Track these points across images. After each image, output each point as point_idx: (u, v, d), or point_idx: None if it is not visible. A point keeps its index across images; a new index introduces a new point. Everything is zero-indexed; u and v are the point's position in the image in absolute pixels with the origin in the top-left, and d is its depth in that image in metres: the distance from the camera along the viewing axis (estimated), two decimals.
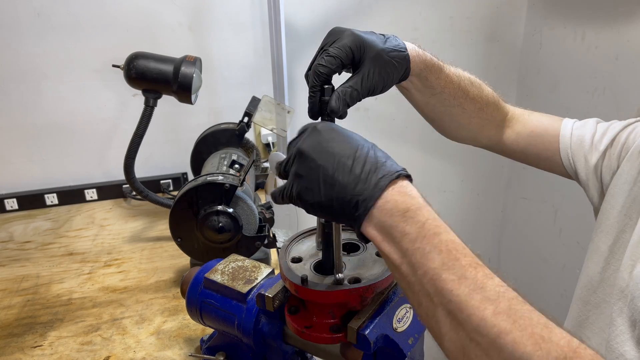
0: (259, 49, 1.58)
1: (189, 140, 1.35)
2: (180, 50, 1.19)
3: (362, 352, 0.59)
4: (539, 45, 1.75)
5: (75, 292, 1.10)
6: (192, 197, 0.99)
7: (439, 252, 0.46)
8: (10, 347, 0.94)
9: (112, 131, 1.55)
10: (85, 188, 1.51)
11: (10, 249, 1.28)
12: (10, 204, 1.46)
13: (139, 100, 1.13)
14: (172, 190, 1.56)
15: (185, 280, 0.80)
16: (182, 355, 0.90)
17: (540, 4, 1.72)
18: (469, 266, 0.45)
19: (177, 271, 1.16)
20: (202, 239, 1.01)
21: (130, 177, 1.16)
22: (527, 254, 1.99)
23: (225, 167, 1.13)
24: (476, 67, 1.84)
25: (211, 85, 1.56)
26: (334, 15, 1.64)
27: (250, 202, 1.02)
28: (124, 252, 1.25)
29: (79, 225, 1.39)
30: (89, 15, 1.42)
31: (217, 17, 1.52)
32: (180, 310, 1.02)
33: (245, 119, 1.28)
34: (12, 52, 1.40)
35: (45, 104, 1.47)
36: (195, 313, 0.76)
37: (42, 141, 1.51)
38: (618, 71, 1.45)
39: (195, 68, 1.11)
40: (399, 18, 1.70)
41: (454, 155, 1.98)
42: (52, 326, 0.99)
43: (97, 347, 0.93)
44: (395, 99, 1.97)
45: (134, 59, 1.09)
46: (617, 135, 0.81)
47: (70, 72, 1.46)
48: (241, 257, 0.79)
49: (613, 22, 1.45)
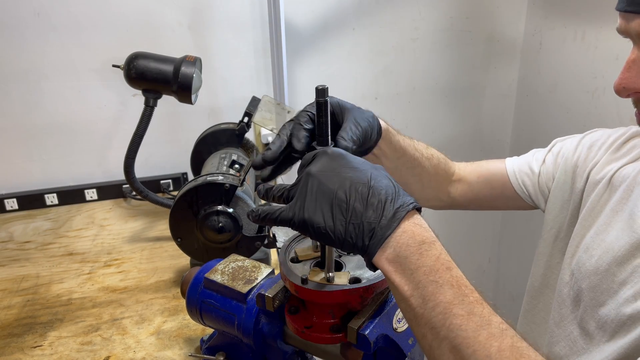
0: (259, 49, 1.58)
1: (189, 140, 1.35)
2: (180, 50, 1.19)
3: (362, 352, 0.59)
4: (539, 45, 1.75)
5: (75, 292, 1.10)
6: (192, 197, 0.99)
7: (450, 287, 0.46)
8: (10, 347, 0.94)
9: (112, 131, 1.55)
10: (85, 188, 1.51)
11: (10, 249, 1.28)
12: (10, 204, 1.46)
13: (139, 100, 1.13)
14: (172, 190, 1.56)
15: (185, 280, 0.80)
16: (182, 355, 0.90)
17: (540, 3, 1.72)
18: (476, 302, 0.46)
19: (177, 271, 1.16)
20: (202, 239, 1.01)
21: (131, 177, 1.15)
22: (527, 254, 1.99)
23: (225, 167, 1.13)
24: (476, 67, 1.84)
25: (211, 85, 1.56)
26: (334, 15, 1.64)
27: (250, 202, 1.02)
28: (124, 252, 1.25)
29: (79, 225, 1.39)
30: (89, 15, 1.42)
31: (217, 17, 1.52)
32: (180, 310, 1.02)
33: (245, 119, 1.28)
34: (12, 52, 1.40)
35: (46, 104, 1.47)
36: (195, 313, 0.76)
37: (42, 141, 1.51)
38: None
39: (195, 68, 1.10)
40: (399, 18, 1.70)
41: (453, 155, 1.97)
42: (52, 326, 0.99)
43: (97, 347, 0.93)
44: (395, 99, 1.98)
45: (134, 59, 1.09)
46: (554, 145, 0.92)
47: (70, 72, 1.46)
48: (241, 257, 0.79)
49: (613, 22, 1.44)
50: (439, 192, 0.95)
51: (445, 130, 1.92)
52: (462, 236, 2.12)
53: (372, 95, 1.79)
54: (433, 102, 1.86)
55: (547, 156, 0.91)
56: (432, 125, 1.90)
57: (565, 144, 0.90)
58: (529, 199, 0.92)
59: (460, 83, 1.86)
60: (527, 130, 1.88)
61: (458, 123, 1.93)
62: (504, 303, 2.20)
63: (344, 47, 1.69)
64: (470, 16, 1.77)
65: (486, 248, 2.17)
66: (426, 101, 1.85)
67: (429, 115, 1.88)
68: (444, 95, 1.86)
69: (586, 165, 0.83)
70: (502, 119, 1.95)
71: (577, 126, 1.60)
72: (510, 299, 2.15)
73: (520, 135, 1.93)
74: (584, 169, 0.83)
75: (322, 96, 0.56)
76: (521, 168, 0.93)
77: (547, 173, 0.90)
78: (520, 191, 0.92)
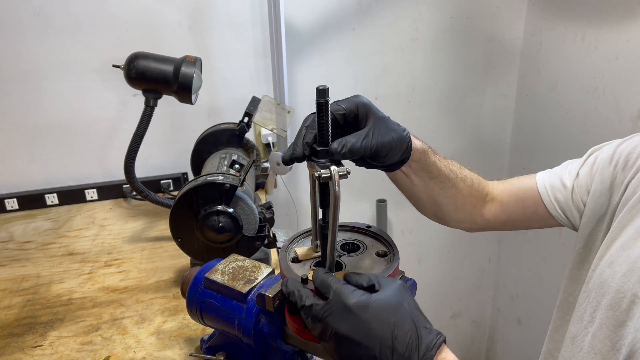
0: (259, 49, 1.59)
1: (189, 140, 1.35)
2: (180, 50, 1.19)
3: None
4: (539, 45, 1.75)
5: (76, 292, 1.10)
6: (192, 197, 0.99)
7: None
8: (10, 347, 0.94)
9: (112, 131, 1.55)
10: (86, 188, 1.51)
11: (10, 249, 1.28)
12: (10, 203, 1.46)
13: (139, 100, 1.13)
14: (172, 190, 1.56)
15: (186, 280, 0.80)
16: (182, 355, 0.90)
17: (540, 4, 1.72)
18: None
19: (177, 271, 1.16)
20: (202, 239, 1.01)
21: (131, 177, 1.16)
22: (527, 254, 1.99)
23: (225, 167, 1.13)
24: (476, 67, 1.84)
25: (211, 85, 1.56)
26: (334, 15, 1.64)
27: (250, 202, 1.02)
28: (124, 252, 1.25)
29: (79, 225, 1.39)
30: (89, 15, 1.42)
31: (217, 17, 1.52)
32: (181, 310, 1.02)
33: (246, 119, 1.28)
34: (12, 52, 1.41)
35: (46, 104, 1.47)
36: (196, 313, 0.76)
37: (42, 141, 1.51)
38: (618, 71, 1.45)
39: (195, 68, 1.11)
40: (399, 18, 1.70)
41: (453, 155, 1.97)
42: (52, 326, 0.99)
43: (97, 347, 0.93)
44: (395, 99, 1.98)
45: (134, 59, 1.09)
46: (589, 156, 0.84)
47: (70, 72, 1.46)
48: (241, 257, 0.79)
49: (613, 22, 1.45)
50: (473, 215, 0.90)
51: (445, 131, 1.92)
52: (462, 236, 2.12)
53: (372, 95, 1.79)
54: (433, 102, 1.86)
55: (581, 169, 0.83)
56: (432, 125, 1.90)
57: (601, 153, 0.81)
58: (562, 217, 0.85)
59: (460, 83, 1.86)
60: (527, 130, 1.88)
61: (458, 123, 1.93)
62: (504, 303, 2.20)
63: (344, 47, 1.69)
64: (470, 16, 1.77)
65: (486, 248, 2.17)
66: (426, 101, 1.85)
67: (429, 115, 1.88)
68: (444, 95, 1.86)
69: (624, 175, 0.75)
70: (502, 119, 1.95)
71: (577, 126, 1.60)
72: (510, 299, 2.15)
73: (520, 135, 1.93)
74: (622, 180, 0.75)
75: (322, 97, 0.56)
76: (553, 183, 0.85)
77: (581, 187, 0.82)
78: (552, 209, 0.84)
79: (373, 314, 0.53)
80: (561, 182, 0.84)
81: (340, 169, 0.57)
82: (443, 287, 2.22)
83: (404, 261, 0.79)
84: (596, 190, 0.79)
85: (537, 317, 2.00)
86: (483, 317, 2.33)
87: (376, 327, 0.52)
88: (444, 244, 2.12)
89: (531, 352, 2.03)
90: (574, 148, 1.61)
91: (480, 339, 2.38)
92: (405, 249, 2.05)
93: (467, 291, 2.26)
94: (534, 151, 1.86)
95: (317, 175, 0.57)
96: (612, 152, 0.79)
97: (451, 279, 2.21)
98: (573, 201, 0.83)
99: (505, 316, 2.21)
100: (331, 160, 0.59)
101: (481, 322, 2.34)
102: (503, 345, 2.28)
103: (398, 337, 0.52)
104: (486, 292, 2.28)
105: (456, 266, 2.19)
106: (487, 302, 2.30)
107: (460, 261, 2.18)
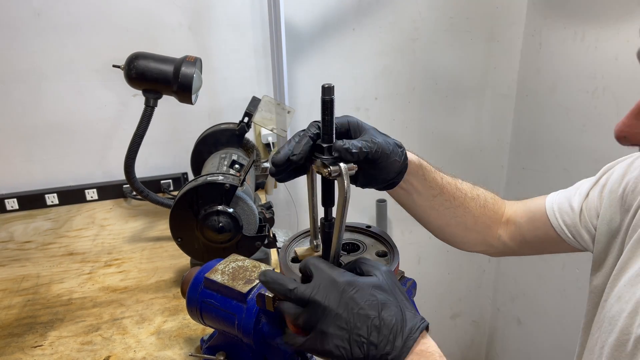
0: (259, 49, 1.59)
1: (189, 140, 1.35)
2: (180, 51, 1.19)
3: None
4: (539, 45, 1.75)
5: (76, 292, 1.10)
6: (192, 197, 0.99)
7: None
8: (10, 347, 0.94)
9: (112, 131, 1.55)
10: (86, 188, 1.51)
11: (10, 249, 1.28)
12: (10, 204, 1.46)
13: (139, 101, 1.13)
14: (172, 190, 1.56)
15: (186, 280, 0.80)
16: (182, 355, 0.90)
17: (540, 4, 1.73)
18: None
19: (177, 271, 1.16)
20: (202, 239, 1.01)
21: (131, 177, 1.16)
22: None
23: (225, 167, 1.13)
24: (476, 67, 1.85)
25: (211, 85, 1.56)
26: (334, 15, 1.64)
27: (250, 202, 1.02)
28: (124, 252, 1.25)
29: (79, 225, 1.39)
30: (89, 15, 1.42)
31: (217, 17, 1.52)
32: (181, 310, 1.02)
33: (246, 119, 1.28)
34: (12, 52, 1.41)
35: (46, 104, 1.48)
36: (196, 313, 0.76)
37: (42, 141, 1.51)
38: (618, 71, 1.45)
39: (195, 68, 1.11)
40: (399, 18, 1.70)
41: (453, 155, 1.98)
42: (53, 326, 0.99)
43: (97, 347, 0.93)
44: (395, 99, 1.98)
45: (134, 59, 1.09)
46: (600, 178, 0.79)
47: (70, 72, 1.46)
48: (241, 257, 0.79)
49: (613, 22, 1.45)
50: (487, 236, 0.86)
51: (445, 131, 1.93)
52: None
53: (372, 95, 1.79)
54: (433, 102, 1.86)
55: (591, 190, 0.79)
56: (432, 125, 1.90)
57: (613, 173, 0.77)
58: (572, 240, 0.80)
59: (460, 83, 1.86)
60: (527, 130, 1.88)
61: (458, 123, 1.93)
62: (504, 303, 2.20)
63: (344, 47, 1.69)
64: (470, 16, 1.77)
65: None
66: (426, 101, 1.85)
67: (428, 115, 1.88)
68: (444, 95, 1.86)
69: (634, 197, 0.70)
70: (502, 119, 1.95)
71: (577, 126, 1.60)
72: (510, 299, 2.15)
73: (520, 135, 1.93)
74: (631, 204, 0.70)
75: (328, 94, 0.56)
76: (561, 206, 0.81)
77: (590, 210, 0.78)
78: (561, 232, 0.80)
79: (361, 293, 0.54)
80: (569, 204, 0.80)
81: (349, 165, 0.57)
82: (443, 287, 2.22)
83: (404, 261, 0.79)
84: (606, 214, 0.75)
85: (537, 317, 2.00)
86: (483, 317, 2.33)
87: (364, 306, 0.53)
88: (444, 244, 2.11)
89: (531, 352, 2.03)
90: (574, 148, 1.62)
91: (480, 339, 2.39)
92: (405, 249, 2.05)
93: (467, 291, 2.26)
94: (534, 151, 1.86)
95: (327, 172, 0.57)
96: (623, 172, 0.75)
97: (451, 279, 2.21)
98: (581, 224, 0.79)
99: (505, 316, 2.21)
100: (334, 159, 0.59)
101: (481, 322, 2.34)
102: (503, 345, 2.28)
103: (384, 318, 0.53)
104: (486, 292, 2.28)
105: (456, 266, 2.19)
106: (487, 302, 2.30)
107: (460, 261, 2.18)
